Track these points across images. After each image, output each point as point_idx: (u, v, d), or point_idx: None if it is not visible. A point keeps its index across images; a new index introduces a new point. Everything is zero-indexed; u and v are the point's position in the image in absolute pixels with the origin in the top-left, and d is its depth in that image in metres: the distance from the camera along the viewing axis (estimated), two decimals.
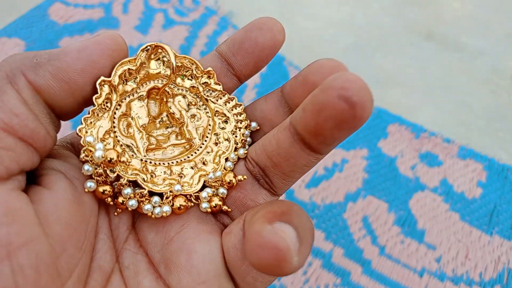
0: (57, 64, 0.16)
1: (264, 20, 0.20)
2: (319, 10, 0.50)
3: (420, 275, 0.32)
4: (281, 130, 0.18)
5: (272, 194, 0.19)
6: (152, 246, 0.18)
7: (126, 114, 0.19)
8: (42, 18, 0.45)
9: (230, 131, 0.21)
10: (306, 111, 0.16)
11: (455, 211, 0.35)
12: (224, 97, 0.21)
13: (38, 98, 0.16)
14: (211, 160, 0.20)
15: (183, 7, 0.48)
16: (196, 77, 0.20)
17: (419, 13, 0.50)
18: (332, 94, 0.15)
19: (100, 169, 0.17)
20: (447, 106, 0.43)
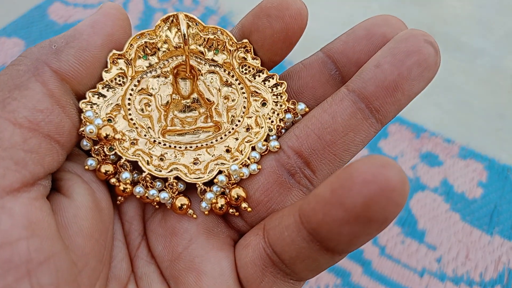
0: (78, 45, 0.15)
1: (273, 1, 0.16)
2: (319, 10, 0.50)
3: (421, 275, 0.32)
4: (337, 102, 0.16)
5: (308, 189, 0.17)
6: (160, 260, 0.17)
7: (145, 91, 0.17)
8: (41, 18, 0.45)
9: (265, 114, 0.18)
10: (383, 64, 0.15)
11: (455, 211, 0.35)
12: (263, 74, 0.18)
13: (65, 87, 0.15)
14: (235, 147, 0.17)
15: (183, 7, 0.48)
16: (230, 51, 0.18)
17: (419, 13, 0.50)
18: (419, 40, 0.14)
19: (98, 146, 0.16)
20: (447, 106, 0.43)
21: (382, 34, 0.16)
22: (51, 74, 0.14)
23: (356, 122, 0.16)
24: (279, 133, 0.17)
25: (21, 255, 0.12)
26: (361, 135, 0.16)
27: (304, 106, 0.17)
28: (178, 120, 0.18)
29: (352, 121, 0.16)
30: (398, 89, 0.15)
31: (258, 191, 0.17)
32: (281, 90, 0.18)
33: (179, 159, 0.17)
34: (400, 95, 0.15)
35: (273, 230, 0.15)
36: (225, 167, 0.17)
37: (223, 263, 0.16)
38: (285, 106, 0.17)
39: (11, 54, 0.41)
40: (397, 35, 0.15)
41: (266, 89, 0.18)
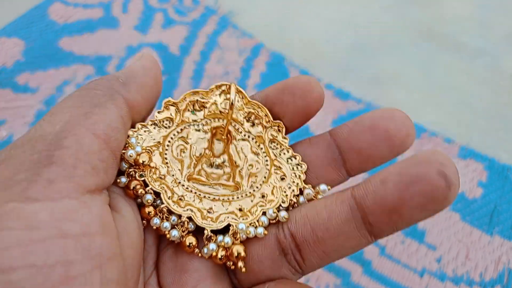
0: (137, 81, 0.18)
1: (299, 83, 0.18)
2: (319, 9, 0.50)
3: (421, 275, 0.32)
4: (337, 203, 0.16)
5: (296, 271, 0.17)
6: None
7: (184, 139, 0.20)
8: (41, 18, 0.45)
9: (282, 187, 0.19)
10: (388, 182, 0.15)
11: (455, 211, 0.35)
12: (288, 153, 0.20)
13: (130, 115, 0.17)
14: (248, 208, 0.19)
15: (183, 7, 0.48)
16: (265, 127, 0.20)
17: (420, 13, 0.50)
18: (431, 169, 0.14)
19: (132, 169, 0.18)
20: (447, 106, 0.43)
21: (385, 129, 0.17)
22: (123, 101, 0.17)
23: (349, 229, 0.16)
24: (290, 207, 0.19)
25: (96, 248, 0.13)
26: (351, 242, 0.16)
27: (325, 187, 0.19)
28: (204, 173, 0.20)
29: (345, 227, 0.16)
30: (396, 212, 0.14)
31: (253, 259, 0.18)
32: (300, 171, 0.19)
33: (196, 203, 0.19)
34: (397, 218, 0.15)
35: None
36: (234, 223, 0.18)
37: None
38: (302, 185, 0.19)
39: (11, 54, 0.41)
40: (416, 154, 0.15)
41: (288, 166, 0.20)
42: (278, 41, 0.47)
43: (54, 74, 0.41)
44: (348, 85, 0.43)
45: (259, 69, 0.44)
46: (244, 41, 0.46)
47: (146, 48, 0.44)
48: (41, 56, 0.42)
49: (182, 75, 0.43)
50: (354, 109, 0.41)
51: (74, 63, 0.42)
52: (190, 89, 0.42)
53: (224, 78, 0.43)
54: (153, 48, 0.44)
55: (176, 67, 0.43)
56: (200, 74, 0.43)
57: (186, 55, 0.44)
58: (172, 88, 0.42)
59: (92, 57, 0.43)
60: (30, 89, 0.40)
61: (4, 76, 0.40)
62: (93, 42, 0.44)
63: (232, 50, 0.45)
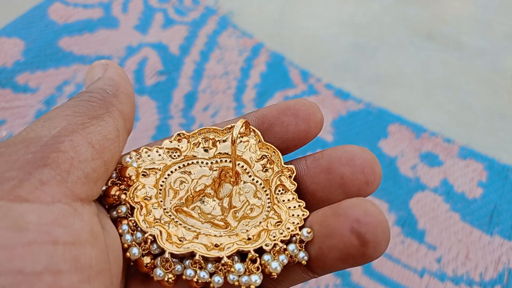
0: (124, 91, 0.18)
1: (302, 105, 0.18)
2: (319, 9, 0.50)
3: (421, 275, 0.32)
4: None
5: None
6: None
7: (188, 172, 0.20)
8: (41, 18, 0.45)
9: (271, 231, 0.17)
10: (314, 229, 0.15)
11: (455, 211, 0.35)
12: (293, 200, 0.18)
13: (125, 126, 0.17)
14: (224, 244, 0.17)
15: (183, 7, 0.48)
16: (275, 172, 0.19)
17: (420, 13, 0.50)
18: (344, 224, 0.13)
19: (117, 180, 0.18)
20: (447, 106, 0.43)
21: (340, 175, 0.16)
22: (118, 113, 0.17)
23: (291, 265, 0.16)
24: (274, 251, 0.17)
25: (86, 259, 0.13)
26: (295, 275, 0.16)
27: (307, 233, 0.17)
28: (198, 210, 0.19)
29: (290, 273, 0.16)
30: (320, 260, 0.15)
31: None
32: (299, 218, 0.17)
33: (169, 227, 0.18)
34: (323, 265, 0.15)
35: None
36: (198, 252, 0.16)
37: None
38: (296, 231, 0.17)
39: (11, 54, 0.41)
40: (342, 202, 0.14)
41: (287, 212, 0.18)
42: (278, 41, 0.47)
43: (54, 74, 0.41)
44: (348, 85, 0.43)
45: (259, 69, 0.44)
46: (244, 41, 0.46)
47: (146, 48, 0.44)
48: (41, 56, 0.42)
49: (182, 75, 0.43)
50: (354, 109, 0.41)
51: (74, 63, 0.42)
52: (190, 89, 0.42)
53: (224, 78, 0.43)
54: (153, 48, 0.44)
55: (176, 67, 0.43)
56: (200, 74, 0.43)
57: (186, 55, 0.44)
58: (172, 88, 0.42)
59: (92, 57, 0.43)
60: (30, 89, 0.40)
61: (4, 76, 0.40)
62: (93, 42, 0.44)
63: (232, 50, 0.45)
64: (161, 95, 0.41)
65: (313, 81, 0.43)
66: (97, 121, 0.16)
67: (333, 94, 0.42)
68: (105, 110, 0.17)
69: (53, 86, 0.40)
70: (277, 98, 0.42)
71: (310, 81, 0.43)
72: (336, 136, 0.39)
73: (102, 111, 0.16)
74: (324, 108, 0.41)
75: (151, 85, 0.42)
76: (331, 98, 0.42)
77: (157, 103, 0.41)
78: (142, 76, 0.42)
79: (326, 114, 0.41)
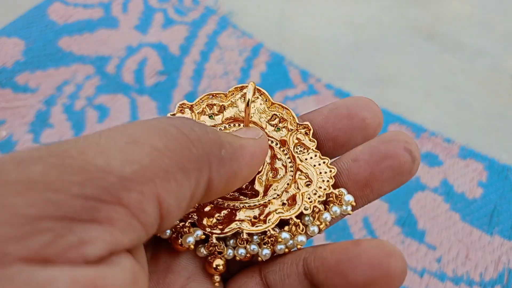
0: (235, 168, 0.14)
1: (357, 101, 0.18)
2: (319, 9, 0.50)
3: (421, 275, 0.32)
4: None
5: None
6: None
7: None
8: (41, 18, 0.45)
9: (305, 193, 0.17)
10: (360, 160, 0.16)
11: (455, 211, 0.35)
12: (316, 157, 0.18)
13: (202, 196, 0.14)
14: (266, 215, 0.17)
15: (183, 7, 0.48)
16: (290, 130, 0.19)
17: (420, 13, 0.50)
18: (398, 146, 0.16)
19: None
20: (447, 106, 0.43)
21: (362, 118, 0.18)
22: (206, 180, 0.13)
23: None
24: (314, 214, 0.17)
25: None
26: None
27: (351, 199, 0.17)
28: None
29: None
30: (367, 186, 0.16)
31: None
32: (329, 176, 0.17)
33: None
34: (369, 191, 0.17)
35: (273, 275, 0.16)
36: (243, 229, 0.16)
37: None
38: (329, 190, 0.17)
39: (11, 54, 0.41)
40: (382, 135, 0.16)
41: (314, 170, 0.18)
42: (278, 41, 0.47)
43: (54, 74, 0.41)
44: (348, 85, 0.43)
45: (259, 69, 0.44)
46: (244, 41, 0.46)
47: (146, 48, 0.44)
48: (41, 56, 0.42)
49: (182, 75, 0.43)
50: None
51: (74, 63, 0.42)
52: (190, 89, 0.42)
53: (224, 78, 0.43)
54: (153, 48, 0.44)
55: (176, 67, 0.43)
56: (200, 74, 0.43)
57: (186, 55, 0.44)
58: (171, 88, 0.42)
59: (92, 57, 0.43)
60: (30, 89, 0.40)
61: (4, 76, 0.40)
62: (93, 42, 0.44)
63: (232, 50, 0.45)
64: (161, 95, 0.41)
65: (313, 81, 0.43)
66: (182, 176, 0.12)
67: (333, 94, 0.42)
68: (197, 168, 0.12)
69: (53, 86, 0.40)
70: (277, 98, 0.42)
71: (310, 81, 0.43)
72: None
73: (193, 166, 0.12)
74: None
75: (151, 85, 0.42)
76: (331, 98, 0.42)
77: (157, 103, 0.41)
78: (142, 76, 0.42)
79: None
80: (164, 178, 0.11)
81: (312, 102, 0.42)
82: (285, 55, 0.45)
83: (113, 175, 0.10)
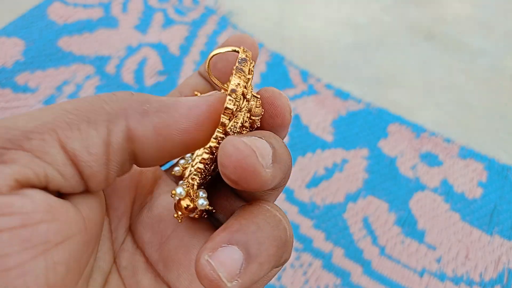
0: (164, 118, 0.15)
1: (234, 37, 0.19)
2: (319, 9, 0.50)
3: (420, 275, 0.32)
4: None
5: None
6: (149, 246, 0.18)
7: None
8: (41, 18, 0.45)
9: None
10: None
11: (455, 211, 0.35)
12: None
13: (124, 147, 0.15)
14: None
15: (183, 7, 0.48)
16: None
17: (420, 13, 0.50)
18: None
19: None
20: (447, 106, 0.43)
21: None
22: (123, 129, 0.15)
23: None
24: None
25: (40, 236, 0.13)
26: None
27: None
28: None
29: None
30: None
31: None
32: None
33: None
34: None
35: None
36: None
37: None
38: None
39: (11, 54, 0.41)
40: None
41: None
42: (278, 41, 0.47)
43: (53, 74, 0.41)
44: (348, 85, 0.43)
45: (259, 69, 0.44)
46: None
47: (145, 48, 0.44)
48: (40, 56, 0.42)
49: (182, 75, 0.43)
50: (354, 109, 0.41)
51: (74, 63, 0.42)
52: None
53: None
54: (153, 48, 0.44)
55: (176, 67, 0.43)
56: None
57: (185, 55, 0.44)
58: (171, 88, 0.42)
59: (92, 57, 0.43)
60: (29, 89, 0.40)
61: (4, 76, 0.40)
62: (92, 42, 0.44)
63: None
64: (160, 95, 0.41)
65: (313, 81, 0.43)
66: (87, 126, 0.14)
67: (333, 94, 0.42)
68: (106, 118, 0.14)
69: (53, 86, 0.40)
70: None
71: (310, 81, 0.43)
72: (336, 136, 0.39)
73: (103, 118, 0.14)
74: (324, 108, 0.41)
75: (151, 85, 0.42)
76: (331, 98, 0.42)
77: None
78: (142, 76, 0.42)
79: (326, 114, 0.41)
80: (65, 128, 0.14)
81: (312, 102, 0.42)
82: (285, 55, 0.45)
83: (17, 130, 0.13)
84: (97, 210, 0.16)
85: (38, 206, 0.13)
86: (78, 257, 0.14)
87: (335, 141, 0.39)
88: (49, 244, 0.13)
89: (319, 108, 0.41)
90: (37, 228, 0.13)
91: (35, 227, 0.13)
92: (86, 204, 0.15)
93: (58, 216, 0.14)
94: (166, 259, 0.18)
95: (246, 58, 0.16)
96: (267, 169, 0.14)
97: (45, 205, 0.13)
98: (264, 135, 0.15)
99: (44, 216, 0.13)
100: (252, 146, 0.14)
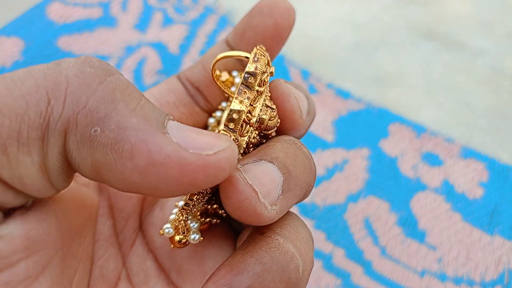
0: (109, 160, 0.11)
1: (266, 1, 0.18)
2: (319, 9, 0.50)
3: (421, 275, 0.32)
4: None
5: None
6: (161, 251, 0.17)
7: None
8: (40, 18, 0.45)
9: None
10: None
11: (456, 211, 0.35)
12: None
13: (66, 167, 0.12)
14: None
15: (182, 6, 0.48)
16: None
17: (420, 13, 0.50)
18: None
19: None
20: (448, 106, 0.42)
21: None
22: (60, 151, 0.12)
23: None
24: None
25: (20, 275, 0.12)
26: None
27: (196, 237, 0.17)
28: None
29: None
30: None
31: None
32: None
33: None
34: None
35: None
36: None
37: (224, 248, 0.17)
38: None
39: (10, 54, 0.41)
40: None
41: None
42: None
43: None
44: (348, 84, 0.43)
45: None
46: None
47: (145, 47, 0.44)
48: (40, 56, 0.42)
49: None
50: (354, 108, 0.41)
51: None
52: None
53: None
54: (153, 47, 0.44)
55: (175, 66, 0.43)
56: None
57: (185, 54, 0.44)
58: None
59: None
60: None
61: None
62: (92, 41, 0.44)
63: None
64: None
65: (313, 81, 0.43)
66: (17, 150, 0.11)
67: (333, 93, 0.42)
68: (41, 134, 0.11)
69: None
70: None
71: (310, 80, 0.43)
72: (336, 136, 0.39)
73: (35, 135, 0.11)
74: (325, 108, 0.41)
75: (151, 85, 0.41)
76: (332, 98, 0.42)
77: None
78: (141, 75, 0.42)
79: (326, 114, 0.41)
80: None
81: None
82: (285, 55, 0.45)
83: None
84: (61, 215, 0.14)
85: (17, 246, 0.12)
86: (59, 276, 0.13)
87: (336, 140, 0.39)
88: (30, 279, 0.12)
89: (319, 108, 0.41)
90: (16, 269, 0.12)
91: (13, 269, 0.12)
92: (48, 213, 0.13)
93: (37, 246, 0.12)
94: (180, 268, 0.17)
95: (255, 72, 0.14)
96: (272, 206, 0.13)
97: (24, 240, 0.12)
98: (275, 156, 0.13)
99: (22, 254, 0.12)
100: (254, 185, 0.12)
